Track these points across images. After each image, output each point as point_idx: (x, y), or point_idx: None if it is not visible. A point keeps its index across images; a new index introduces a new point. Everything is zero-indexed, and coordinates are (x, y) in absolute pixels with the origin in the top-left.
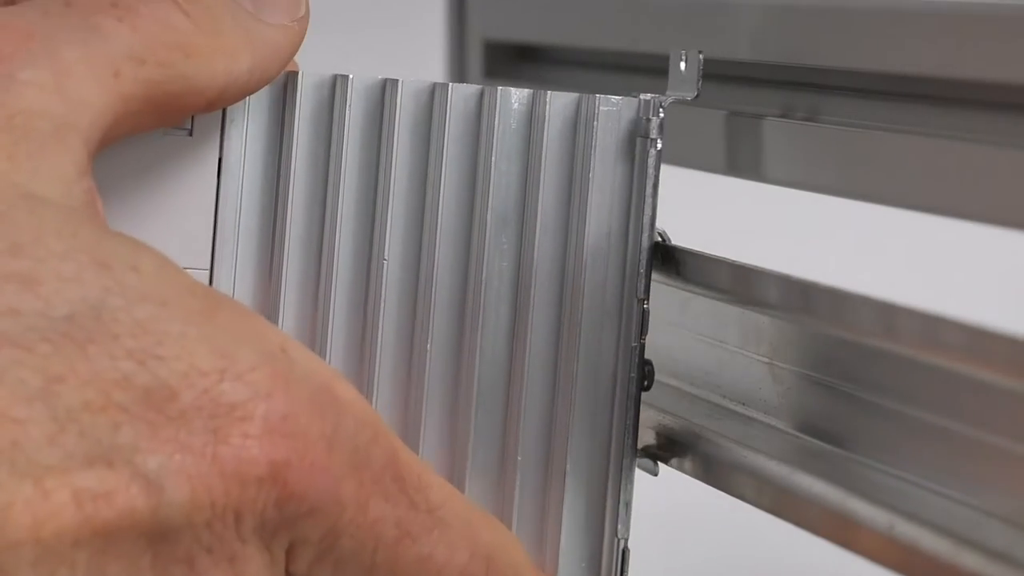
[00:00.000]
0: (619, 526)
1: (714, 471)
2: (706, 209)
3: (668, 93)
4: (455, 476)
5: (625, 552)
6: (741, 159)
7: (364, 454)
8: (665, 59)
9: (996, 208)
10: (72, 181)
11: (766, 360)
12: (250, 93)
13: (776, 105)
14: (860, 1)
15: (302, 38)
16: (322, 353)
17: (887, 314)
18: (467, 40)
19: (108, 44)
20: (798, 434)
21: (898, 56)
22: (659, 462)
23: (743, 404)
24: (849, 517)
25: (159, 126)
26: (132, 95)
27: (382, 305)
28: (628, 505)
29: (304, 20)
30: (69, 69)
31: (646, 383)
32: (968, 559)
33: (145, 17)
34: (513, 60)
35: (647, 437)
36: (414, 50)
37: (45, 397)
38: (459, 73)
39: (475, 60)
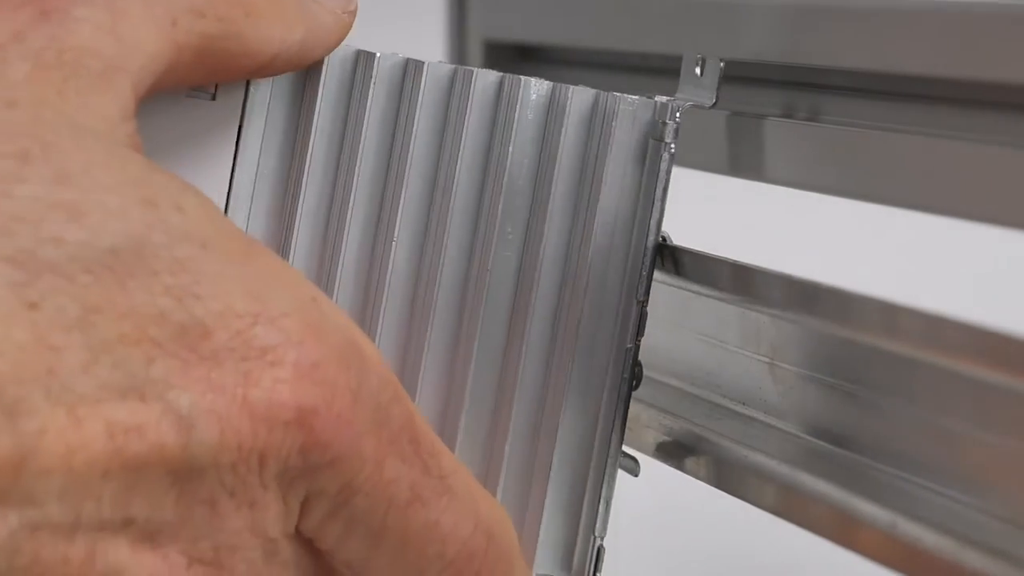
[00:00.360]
0: (597, 524)
1: (715, 471)
2: (707, 209)
3: (679, 96)
4: None
5: (600, 550)
6: (743, 159)
7: (385, 412)
8: (666, 59)
9: (996, 208)
10: (116, 122)
11: (767, 360)
12: (294, 69)
13: (778, 105)
14: (861, 1)
15: (348, 30)
16: None
17: (888, 314)
18: (467, 40)
19: None
20: (799, 434)
21: (899, 56)
22: (659, 462)
23: (744, 404)
24: (851, 516)
25: (207, 81)
26: (187, 46)
27: (386, 286)
28: (608, 503)
29: (353, 15)
30: (126, 11)
31: (635, 383)
32: (970, 558)
33: None
34: (513, 60)
35: (648, 437)
36: (414, 50)
37: (82, 326)
38: None
39: (475, 60)
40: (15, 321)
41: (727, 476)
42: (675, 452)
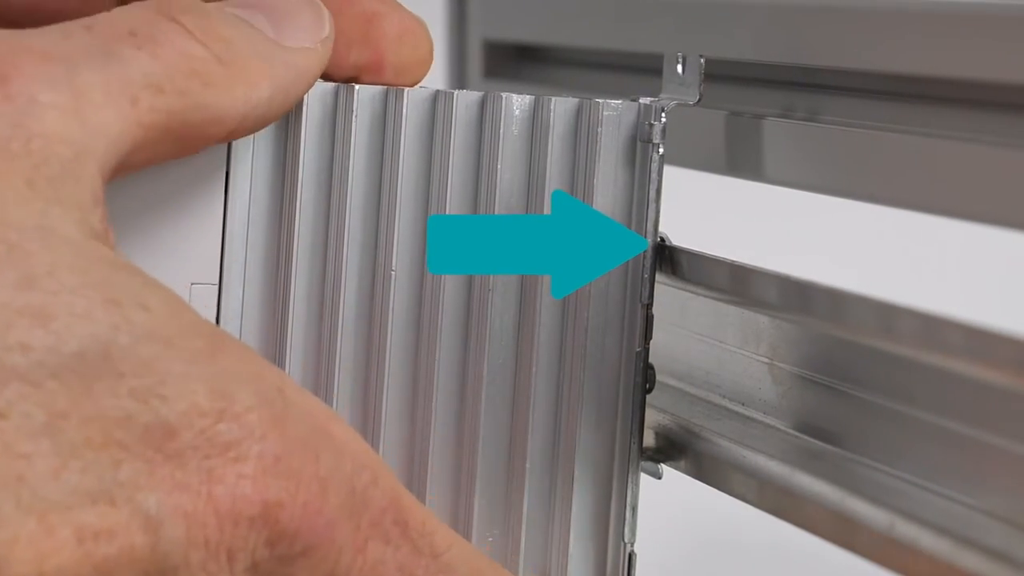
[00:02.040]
0: (626, 530)
1: (713, 471)
2: (706, 209)
3: (663, 96)
4: (463, 485)
5: (632, 556)
6: (741, 159)
7: (362, 496)
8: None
9: (996, 208)
10: (88, 209)
11: (766, 360)
12: (273, 119)
13: (776, 105)
14: (860, 1)
15: (327, 58)
16: (330, 364)
17: (887, 314)
18: (467, 40)
19: (126, 70)
20: (798, 434)
21: (898, 56)
22: (659, 463)
23: (743, 404)
24: (849, 517)
25: (179, 155)
26: (151, 123)
27: (390, 316)
28: (634, 509)
29: (329, 40)
30: (88, 93)
31: (648, 386)
32: (968, 559)
33: (163, 46)
34: (513, 60)
35: (647, 438)
36: None
37: (50, 433)
38: (459, 73)
39: (475, 60)
40: None
41: (726, 476)
42: (674, 452)
